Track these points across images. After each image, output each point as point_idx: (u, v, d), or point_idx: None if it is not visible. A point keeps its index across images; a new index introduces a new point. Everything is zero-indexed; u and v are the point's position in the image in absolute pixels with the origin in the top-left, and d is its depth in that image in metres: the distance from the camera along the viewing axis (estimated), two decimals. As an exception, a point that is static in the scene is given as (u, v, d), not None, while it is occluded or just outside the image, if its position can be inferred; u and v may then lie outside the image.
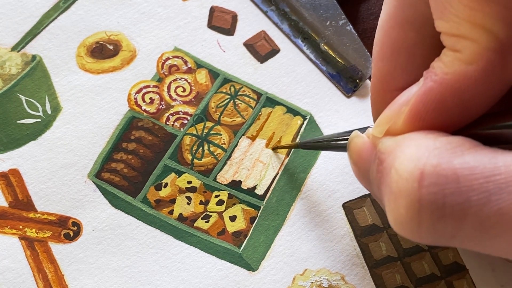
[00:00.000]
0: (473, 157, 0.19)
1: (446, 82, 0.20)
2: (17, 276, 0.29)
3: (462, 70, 0.20)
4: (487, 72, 0.20)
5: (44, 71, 0.33)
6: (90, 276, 0.29)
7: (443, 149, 0.19)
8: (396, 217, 0.20)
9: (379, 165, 0.21)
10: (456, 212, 0.19)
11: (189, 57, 0.34)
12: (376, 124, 0.23)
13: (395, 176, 0.20)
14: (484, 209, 0.18)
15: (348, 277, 0.30)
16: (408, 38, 0.23)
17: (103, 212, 0.30)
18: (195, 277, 0.29)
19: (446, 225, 0.19)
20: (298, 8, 0.35)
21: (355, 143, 0.24)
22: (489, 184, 0.18)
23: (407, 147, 0.20)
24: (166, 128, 0.32)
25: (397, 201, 0.20)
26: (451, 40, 0.20)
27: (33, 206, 0.30)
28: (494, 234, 0.18)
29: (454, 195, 0.18)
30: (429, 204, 0.19)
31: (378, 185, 0.22)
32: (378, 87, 0.25)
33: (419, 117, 0.21)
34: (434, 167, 0.19)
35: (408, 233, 0.20)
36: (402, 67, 0.24)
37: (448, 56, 0.20)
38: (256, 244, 0.30)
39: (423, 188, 0.19)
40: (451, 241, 0.20)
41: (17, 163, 0.31)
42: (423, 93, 0.21)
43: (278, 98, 0.34)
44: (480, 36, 0.19)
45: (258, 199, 0.31)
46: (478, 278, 0.30)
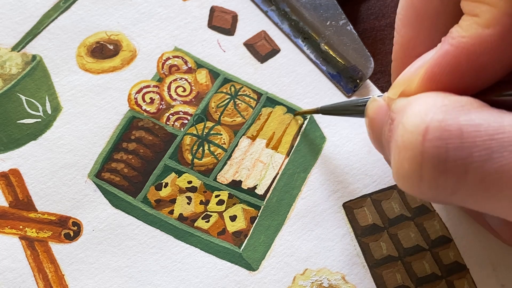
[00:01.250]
0: (479, 115, 0.19)
1: (462, 45, 0.20)
2: (17, 276, 0.29)
3: (478, 33, 0.20)
4: (503, 36, 0.20)
5: (44, 71, 0.33)
6: (91, 276, 0.29)
7: (450, 106, 0.19)
8: (399, 170, 0.20)
9: (390, 124, 0.22)
10: (458, 167, 0.19)
11: (189, 57, 0.34)
12: (392, 86, 0.23)
13: (402, 130, 0.20)
14: (485, 166, 0.18)
15: (348, 276, 0.30)
16: (432, 6, 0.24)
17: (104, 212, 0.30)
18: (196, 277, 0.29)
19: (448, 179, 0.19)
20: (298, 8, 0.35)
21: (372, 107, 0.24)
22: (492, 142, 0.18)
23: (416, 104, 0.20)
24: (166, 128, 0.32)
25: (401, 154, 0.20)
26: (470, 6, 0.21)
27: (33, 206, 0.30)
28: (494, 192, 0.19)
29: (456, 150, 0.19)
30: (432, 157, 0.19)
31: (388, 144, 0.22)
32: (400, 54, 0.25)
33: (434, 79, 0.21)
34: (439, 122, 0.19)
35: (410, 186, 0.20)
36: (425, 34, 0.24)
37: (467, 21, 0.21)
38: (257, 244, 0.30)
39: (427, 142, 0.19)
40: (451, 197, 0.20)
41: (18, 163, 0.31)
42: (439, 55, 0.21)
43: (278, 98, 0.34)
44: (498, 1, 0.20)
45: (258, 199, 0.31)
46: (478, 278, 0.30)
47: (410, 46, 0.25)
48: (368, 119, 0.24)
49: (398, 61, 0.26)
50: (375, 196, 0.31)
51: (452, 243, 0.30)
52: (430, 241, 0.30)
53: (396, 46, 0.26)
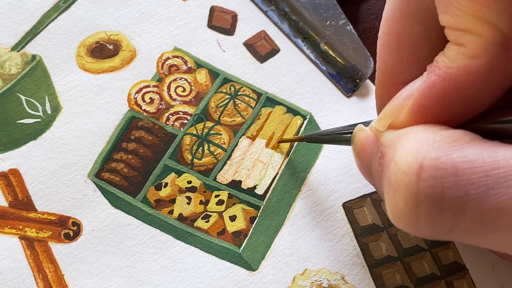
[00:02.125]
0: (473, 150, 0.19)
1: (450, 76, 0.20)
2: (17, 276, 0.29)
3: (466, 64, 0.20)
4: (491, 66, 0.20)
5: (44, 71, 0.33)
6: (90, 276, 0.29)
7: (442, 142, 0.19)
8: (395, 210, 0.20)
9: (381, 159, 0.21)
10: (455, 205, 0.18)
11: (189, 57, 0.34)
12: (379, 117, 0.23)
13: (394, 169, 0.20)
14: (482, 203, 0.18)
15: (348, 277, 0.30)
16: (414, 31, 0.23)
17: (103, 212, 0.30)
18: (195, 277, 0.29)
19: (445, 218, 0.19)
20: (298, 8, 0.35)
21: (359, 137, 0.24)
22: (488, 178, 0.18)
23: (408, 140, 0.20)
24: (166, 128, 0.32)
25: (395, 194, 0.20)
26: (455, 34, 0.20)
27: (33, 206, 0.30)
28: (492, 228, 0.18)
29: (452, 189, 0.18)
30: (427, 197, 0.19)
31: (379, 179, 0.22)
32: (383, 81, 0.25)
33: (422, 111, 0.21)
34: (433, 161, 0.19)
35: (406, 226, 0.20)
36: (408, 60, 0.24)
37: (452, 50, 0.20)
38: (256, 244, 0.30)
39: (422, 182, 0.19)
40: (449, 235, 0.19)
41: (17, 163, 0.31)
42: (426, 87, 0.21)
43: (278, 98, 0.34)
44: (485, 30, 0.19)
45: (258, 199, 0.31)
46: (478, 278, 0.30)
47: (394, 73, 0.24)
48: (356, 149, 0.24)
49: (382, 88, 0.26)
50: (374, 196, 0.31)
51: (452, 244, 0.30)
52: (429, 241, 0.30)
53: (379, 72, 0.25)
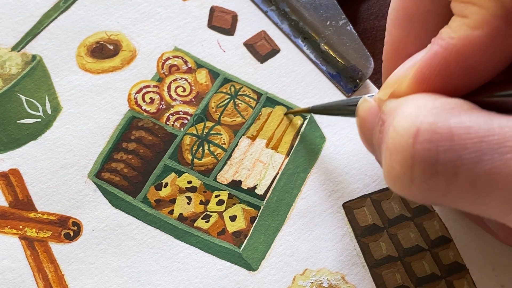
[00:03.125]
0: (469, 117, 0.19)
1: (452, 46, 0.20)
2: (17, 276, 0.29)
3: (468, 35, 0.20)
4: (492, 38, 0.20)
5: (44, 71, 0.33)
6: (90, 276, 0.29)
7: (441, 108, 0.19)
8: (390, 172, 0.20)
9: (381, 126, 0.22)
10: (448, 169, 0.19)
11: (189, 57, 0.34)
12: (382, 87, 0.23)
13: (392, 133, 0.20)
14: (475, 168, 0.18)
15: (348, 276, 0.30)
16: (422, 6, 0.24)
17: (103, 212, 0.30)
18: (195, 277, 0.29)
19: (438, 182, 0.19)
20: (298, 8, 0.35)
21: (362, 107, 0.24)
22: (482, 144, 0.18)
23: (407, 106, 0.20)
24: (166, 128, 0.32)
25: (391, 156, 0.20)
26: (460, 7, 0.21)
27: (33, 206, 0.30)
28: (484, 193, 0.19)
29: (447, 153, 0.19)
30: (422, 160, 0.19)
31: (378, 146, 0.22)
32: (390, 54, 0.25)
33: (424, 81, 0.21)
34: (430, 125, 0.19)
35: (401, 188, 0.20)
36: (415, 34, 0.24)
37: (456, 22, 0.21)
38: (256, 244, 0.30)
39: (417, 144, 0.19)
40: (442, 199, 0.20)
41: (17, 163, 0.31)
42: (428, 57, 0.21)
43: (278, 98, 0.34)
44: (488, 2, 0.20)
45: (258, 199, 0.31)
46: (478, 278, 0.30)
47: (401, 46, 0.25)
48: (359, 119, 0.24)
49: (388, 61, 0.26)
50: (375, 196, 0.31)
51: (452, 243, 0.30)
52: (429, 241, 0.30)
53: (386, 46, 0.26)
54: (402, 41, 0.25)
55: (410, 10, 0.24)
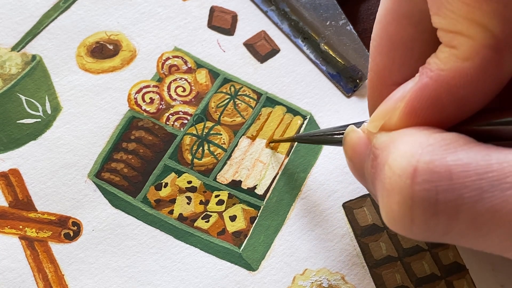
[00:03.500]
0: (467, 153, 0.19)
1: (442, 78, 0.20)
2: (17, 276, 0.29)
3: (457, 66, 0.20)
4: (482, 69, 0.20)
5: (44, 71, 0.33)
6: (90, 276, 0.29)
7: (436, 145, 0.19)
8: (389, 213, 0.20)
9: (374, 161, 0.21)
10: (449, 209, 0.19)
11: (189, 57, 0.34)
12: (371, 119, 0.23)
13: (389, 172, 0.20)
14: (476, 206, 0.18)
15: (348, 277, 0.30)
16: (406, 33, 0.23)
17: (103, 212, 0.30)
18: (195, 277, 0.29)
19: (439, 221, 0.19)
20: (298, 8, 0.35)
21: (350, 138, 0.24)
22: (482, 181, 0.18)
23: (401, 143, 0.20)
24: (166, 128, 0.32)
25: (390, 197, 0.20)
26: (447, 36, 0.20)
27: (33, 206, 0.30)
28: (486, 231, 0.19)
29: (447, 192, 0.18)
30: (422, 200, 0.19)
31: (372, 181, 0.22)
32: (375, 82, 0.25)
33: (414, 113, 0.21)
34: (427, 164, 0.19)
35: (401, 229, 0.20)
36: (400, 62, 0.24)
37: (444, 52, 0.20)
38: (256, 244, 0.30)
39: (416, 185, 0.19)
40: (444, 238, 0.20)
41: (17, 163, 0.31)
42: (418, 89, 0.21)
43: (278, 98, 0.34)
44: (477, 33, 0.19)
45: (258, 199, 0.31)
46: (478, 278, 0.30)
47: (386, 74, 0.24)
48: (348, 150, 0.24)
49: (373, 89, 0.26)
50: (374, 196, 0.31)
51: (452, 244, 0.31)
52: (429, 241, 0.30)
53: (371, 73, 0.25)
54: (386, 68, 0.24)
55: (394, 37, 0.24)
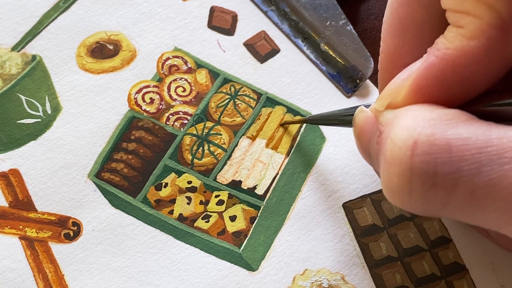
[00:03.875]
0: (467, 128, 0.19)
1: (448, 57, 0.20)
2: (17, 276, 0.29)
3: (464, 45, 0.20)
4: (488, 48, 0.20)
5: (44, 71, 0.33)
6: (90, 276, 0.29)
7: (438, 120, 0.19)
8: (388, 184, 0.20)
9: (378, 137, 0.22)
10: (447, 181, 0.19)
11: (189, 57, 0.34)
12: (378, 97, 0.23)
13: (390, 145, 0.20)
14: (474, 180, 0.18)
15: (348, 277, 0.30)
16: (417, 16, 0.24)
17: (103, 212, 0.30)
18: (195, 277, 0.29)
19: (437, 194, 0.19)
20: (298, 8, 0.35)
21: (359, 118, 0.24)
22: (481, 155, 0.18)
23: (404, 118, 0.20)
24: (166, 128, 0.32)
25: (390, 169, 0.20)
26: (455, 17, 0.21)
27: (33, 206, 0.30)
28: (483, 205, 0.19)
29: (445, 165, 0.19)
30: (421, 172, 0.19)
31: (376, 157, 0.22)
32: (386, 64, 0.25)
33: (420, 91, 0.21)
34: (427, 137, 0.19)
35: (399, 201, 0.20)
36: (410, 44, 0.24)
37: (452, 32, 0.21)
38: (256, 244, 0.30)
39: (415, 157, 0.19)
40: (441, 211, 0.20)
41: (17, 163, 0.31)
42: (424, 67, 0.21)
43: (278, 98, 0.34)
44: (483, 12, 0.20)
45: (258, 199, 0.31)
46: (478, 278, 0.30)
47: (396, 56, 0.24)
48: (356, 129, 0.24)
49: (384, 71, 0.26)
50: (375, 196, 0.31)
51: (452, 244, 0.30)
52: (429, 241, 0.30)
53: (382, 55, 0.26)
54: (397, 50, 0.25)
55: (404, 19, 0.24)
